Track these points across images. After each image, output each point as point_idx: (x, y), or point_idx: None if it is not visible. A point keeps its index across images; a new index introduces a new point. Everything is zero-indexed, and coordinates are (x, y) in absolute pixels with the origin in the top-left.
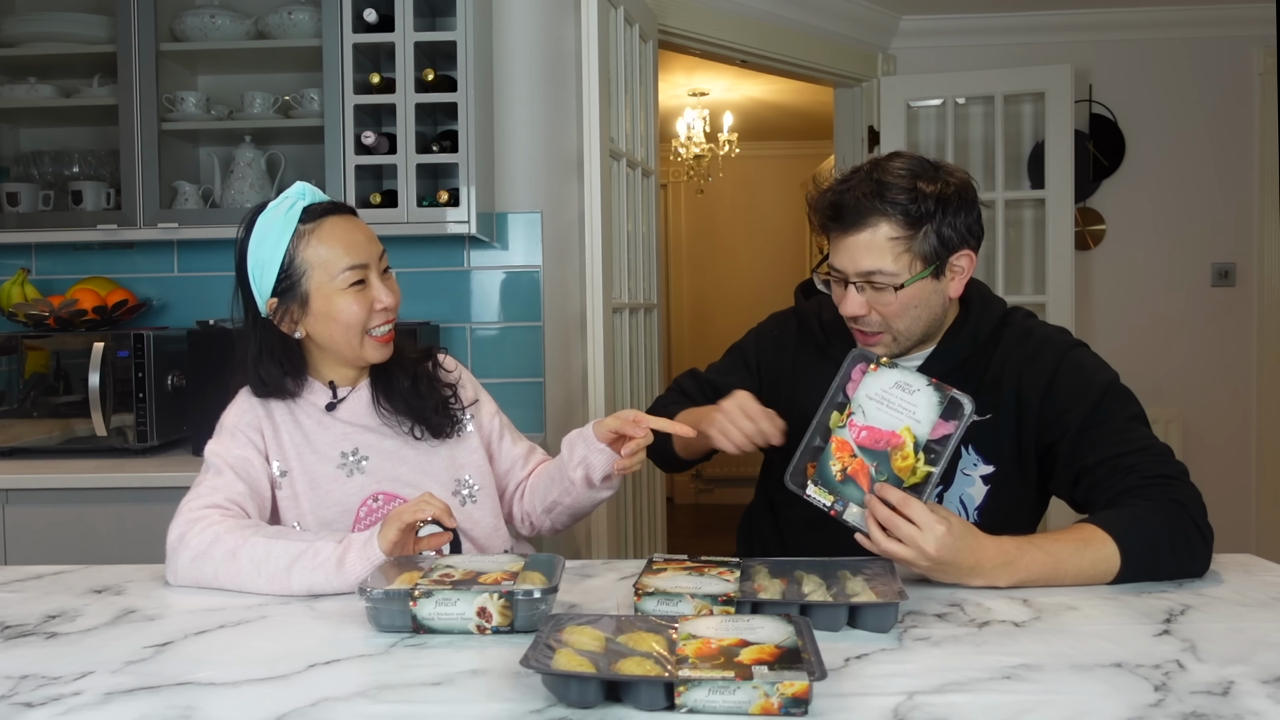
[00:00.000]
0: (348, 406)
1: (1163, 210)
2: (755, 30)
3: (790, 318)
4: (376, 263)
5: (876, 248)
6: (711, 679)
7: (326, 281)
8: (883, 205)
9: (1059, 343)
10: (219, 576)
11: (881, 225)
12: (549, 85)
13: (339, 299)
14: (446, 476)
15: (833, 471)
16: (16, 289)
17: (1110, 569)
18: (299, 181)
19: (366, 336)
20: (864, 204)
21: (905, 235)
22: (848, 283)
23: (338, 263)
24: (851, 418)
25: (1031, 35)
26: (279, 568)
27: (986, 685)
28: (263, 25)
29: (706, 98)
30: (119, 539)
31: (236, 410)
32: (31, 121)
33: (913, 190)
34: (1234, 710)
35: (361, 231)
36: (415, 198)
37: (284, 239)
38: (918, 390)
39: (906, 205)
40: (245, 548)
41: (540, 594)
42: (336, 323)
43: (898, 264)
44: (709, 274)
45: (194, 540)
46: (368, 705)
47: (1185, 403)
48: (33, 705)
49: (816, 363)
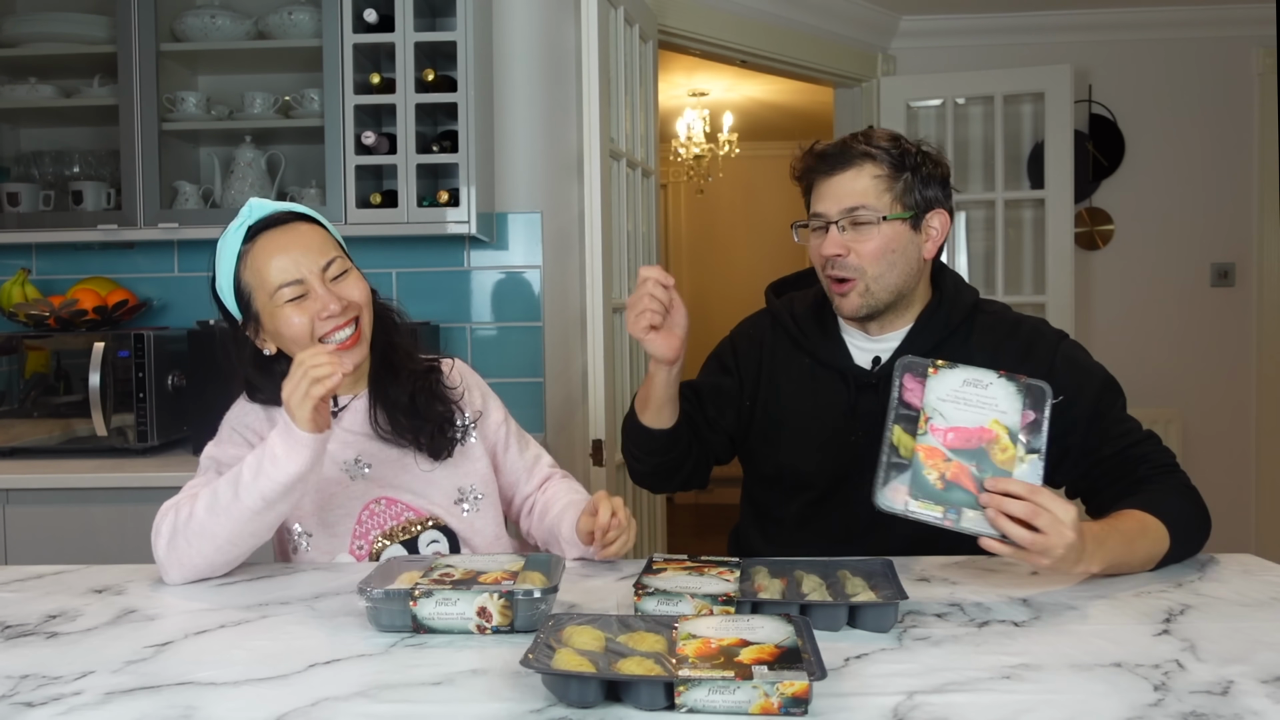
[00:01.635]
0: (348, 416)
1: (1162, 210)
2: (755, 30)
3: (762, 317)
4: (319, 271)
5: (861, 185)
6: (711, 679)
7: (267, 301)
8: (869, 148)
9: (1049, 335)
10: (191, 543)
11: (866, 165)
12: (549, 85)
13: (280, 315)
14: (450, 484)
15: (930, 481)
16: (17, 289)
17: (1161, 551)
18: (252, 198)
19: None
20: (851, 147)
21: (888, 175)
22: (828, 226)
23: (270, 285)
24: (930, 423)
25: (1031, 35)
26: (228, 499)
27: (986, 685)
28: (263, 25)
29: (706, 98)
30: (119, 539)
31: (238, 411)
32: (32, 121)
33: (896, 141)
34: (1234, 710)
35: (298, 244)
36: (415, 198)
37: (232, 263)
38: (991, 384)
39: (889, 149)
40: (198, 504)
41: (540, 594)
42: (284, 338)
43: (879, 201)
44: (709, 274)
45: (164, 529)
46: (368, 705)
47: (1185, 403)
48: (33, 705)
49: (791, 354)
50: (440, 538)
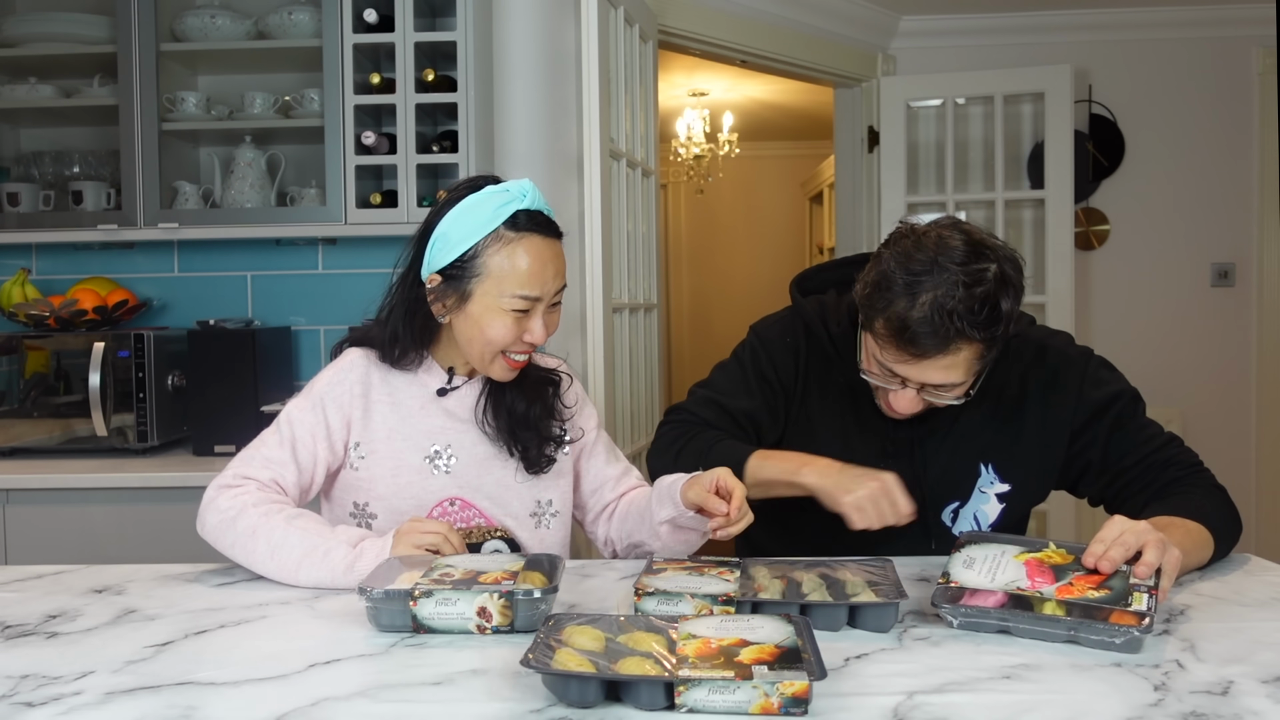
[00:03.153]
0: (457, 397)
1: (1163, 210)
2: (755, 30)
3: (795, 322)
4: (549, 297)
5: (955, 367)
6: (711, 679)
7: (494, 295)
8: (970, 331)
9: (1074, 359)
10: (235, 548)
11: (963, 350)
12: (549, 85)
13: (495, 316)
14: (529, 496)
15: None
16: (17, 289)
17: (1208, 555)
18: (528, 180)
19: (500, 356)
20: (949, 328)
21: (984, 353)
22: (901, 385)
23: (512, 286)
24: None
25: (1031, 35)
26: (290, 559)
27: (986, 685)
28: (263, 25)
29: (706, 98)
30: (119, 539)
31: (331, 378)
32: (32, 121)
33: (994, 315)
34: (1234, 710)
35: (553, 264)
36: (415, 198)
37: (480, 231)
38: None
39: (991, 331)
40: (264, 528)
41: (540, 594)
42: (481, 333)
43: (968, 374)
44: (709, 274)
45: (224, 504)
46: (368, 705)
47: (1185, 403)
48: (33, 705)
49: (827, 368)
50: (503, 548)
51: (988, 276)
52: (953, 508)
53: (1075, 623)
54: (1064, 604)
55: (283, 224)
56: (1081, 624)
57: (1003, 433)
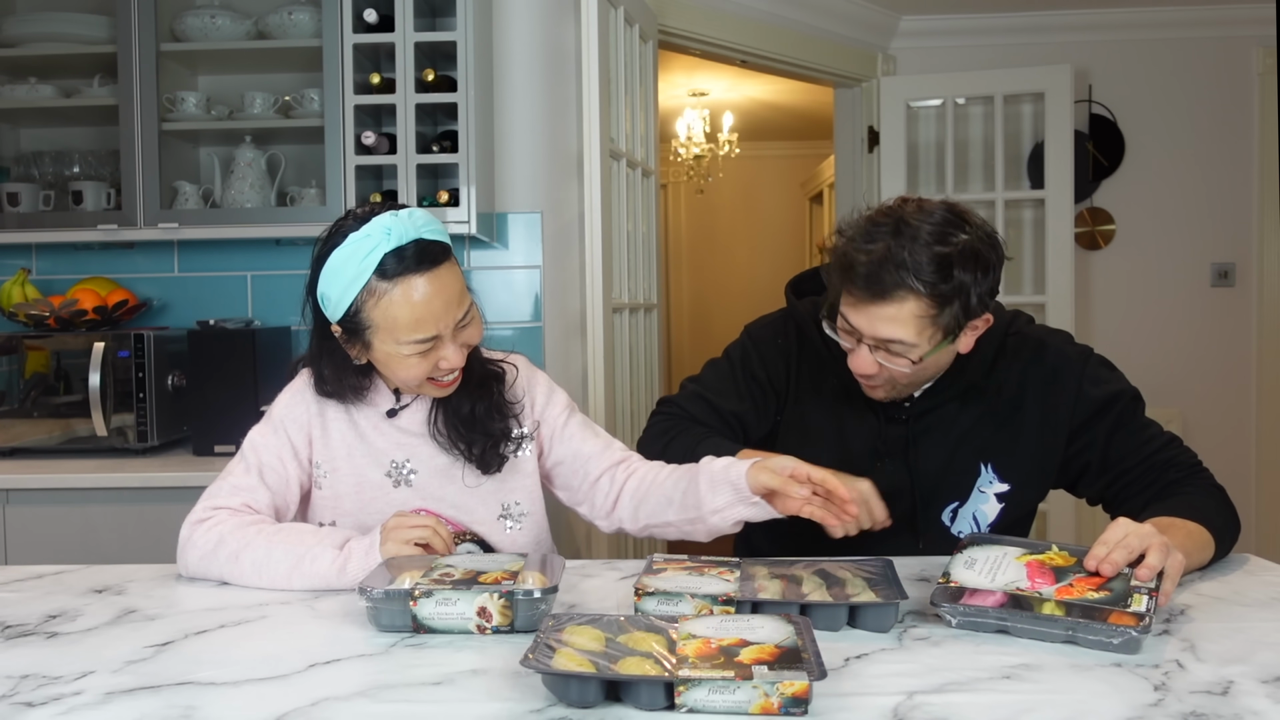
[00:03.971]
0: (408, 414)
1: (1163, 210)
2: (755, 30)
3: (788, 324)
4: (453, 326)
5: (900, 321)
6: (711, 679)
7: (390, 344)
8: (914, 283)
9: (1073, 358)
10: (224, 575)
11: (909, 301)
12: (549, 85)
13: (399, 360)
14: (494, 500)
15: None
16: (17, 289)
17: (1209, 555)
18: (387, 214)
19: (427, 382)
20: (891, 276)
21: (931, 313)
22: (858, 342)
23: (403, 334)
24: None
25: (1031, 35)
26: (279, 573)
27: (986, 685)
28: (263, 25)
29: (706, 98)
30: (119, 539)
31: (288, 400)
32: (32, 121)
33: (945, 268)
34: (1234, 710)
35: (440, 296)
36: (415, 198)
37: (355, 286)
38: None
39: (937, 284)
40: (247, 551)
41: (540, 594)
42: (395, 374)
43: (919, 337)
44: (709, 274)
45: (200, 540)
46: (368, 705)
47: (1185, 403)
48: (33, 705)
49: (819, 369)
50: (476, 549)
51: (952, 241)
52: (952, 507)
53: (1074, 623)
54: (1063, 604)
55: (283, 224)
56: (1080, 624)
57: (1001, 432)
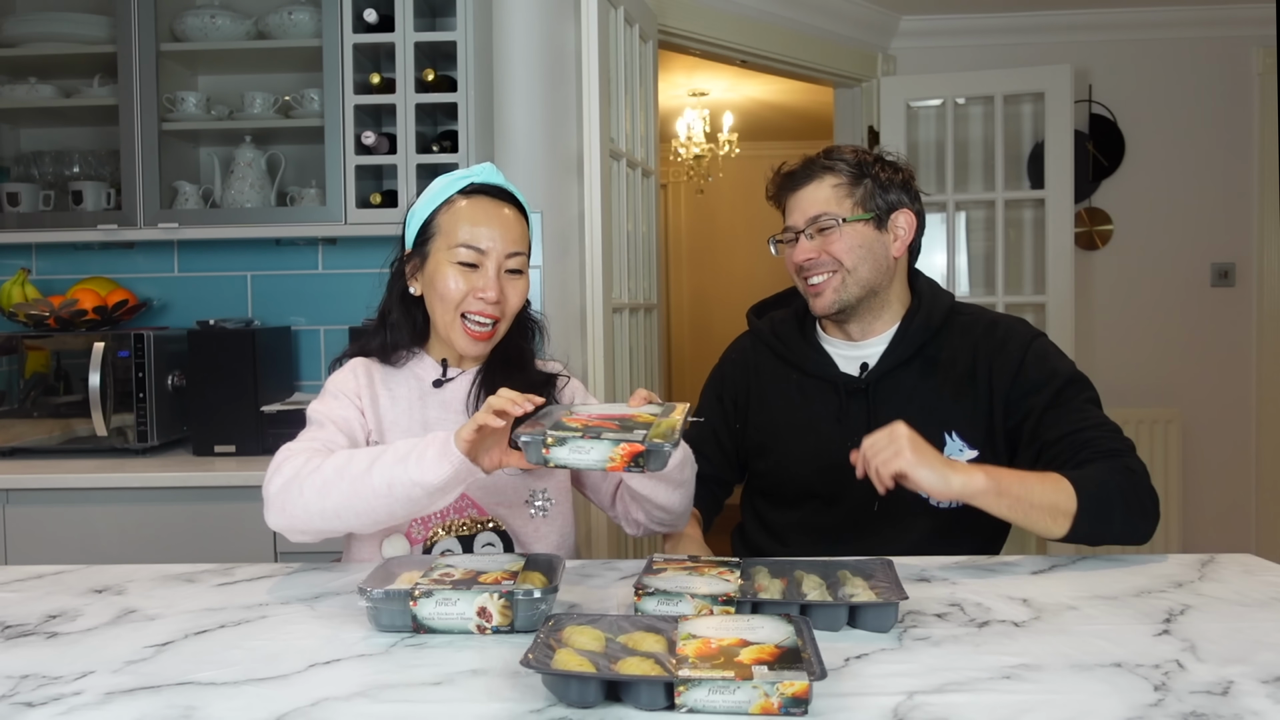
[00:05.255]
0: (451, 388)
1: (1162, 210)
2: (755, 30)
3: (743, 338)
4: (500, 258)
5: (822, 195)
6: (711, 679)
7: (444, 249)
8: (828, 162)
9: (1023, 333)
10: (305, 493)
11: (826, 177)
12: (549, 85)
13: (444, 269)
14: (522, 485)
15: (574, 427)
16: (17, 289)
17: (1069, 507)
18: (490, 164)
19: (460, 320)
20: (812, 162)
21: (847, 183)
22: (798, 237)
23: (455, 235)
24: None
25: (1031, 35)
26: (360, 469)
27: (986, 685)
28: (263, 25)
29: (706, 98)
30: (119, 539)
31: (341, 377)
32: (32, 121)
33: (855, 153)
34: (1234, 710)
35: (500, 222)
36: (415, 198)
37: (436, 201)
38: (631, 410)
39: (848, 160)
40: (329, 461)
41: (540, 594)
42: (435, 291)
43: (840, 207)
44: (709, 274)
45: (286, 469)
46: (368, 705)
47: (1185, 403)
48: (33, 705)
49: (777, 369)
50: (496, 541)
51: (872, 155)
52: None
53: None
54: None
55: (283, 224)
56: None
57: (961, 402)
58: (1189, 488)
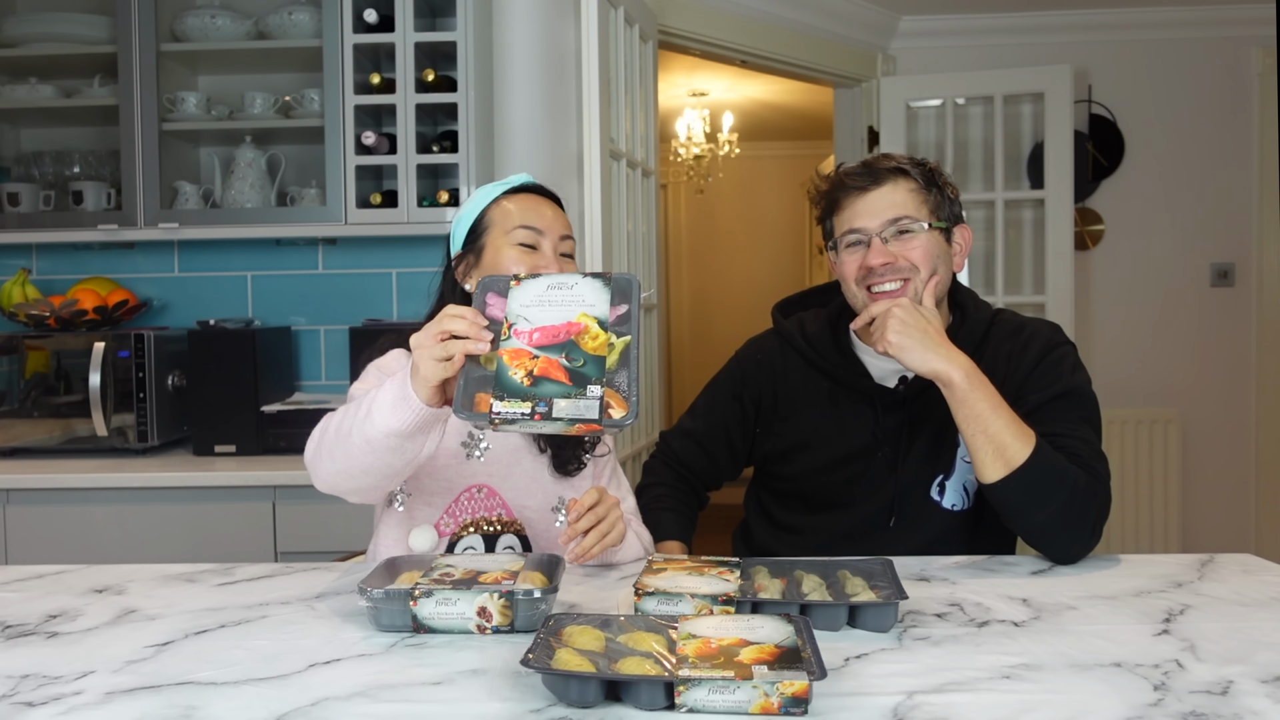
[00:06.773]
0: None
1: (1162, 210)
2: (755, 30)
3: (769, 338)
4: (555, 240)
5: (899, 198)
6: (711, 679)
7: (500, 235)
8: (900, 165)
9: (1048, 337)
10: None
11: (901, 180)
12: (549, 85)
13: (504, 253)
14: (552, 491)
15: (517, 380)
16: (17, 289)
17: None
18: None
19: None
20: (882, 165)
21: (920, 189)
22: (868, 241)
23: (513, 219)
24: (514, 329)
25: (1031, 35)
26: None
27: (986, 685)
28: (263, 25)
29: (706, 98)
30: (119, 539)
31: (386, 361)
32: (32, 121)
33: (921, 161)
34: (1233, 710)
35: (549, 209)
36: (415, 198)
37: (484, 203)
38: (577, 284)
39: (919, 166)
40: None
41: (540, 594)
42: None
43: (919, 211)
44: (709, 274)
45: (315, 435)
46: (368, 705)
47: (1185, 403)
48: (33, 705)
49: (807, 374)
50: (517, 544)
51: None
52: (938, 480)
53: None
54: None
55: (283, 224)
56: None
57: None
58: (1189, 488)
